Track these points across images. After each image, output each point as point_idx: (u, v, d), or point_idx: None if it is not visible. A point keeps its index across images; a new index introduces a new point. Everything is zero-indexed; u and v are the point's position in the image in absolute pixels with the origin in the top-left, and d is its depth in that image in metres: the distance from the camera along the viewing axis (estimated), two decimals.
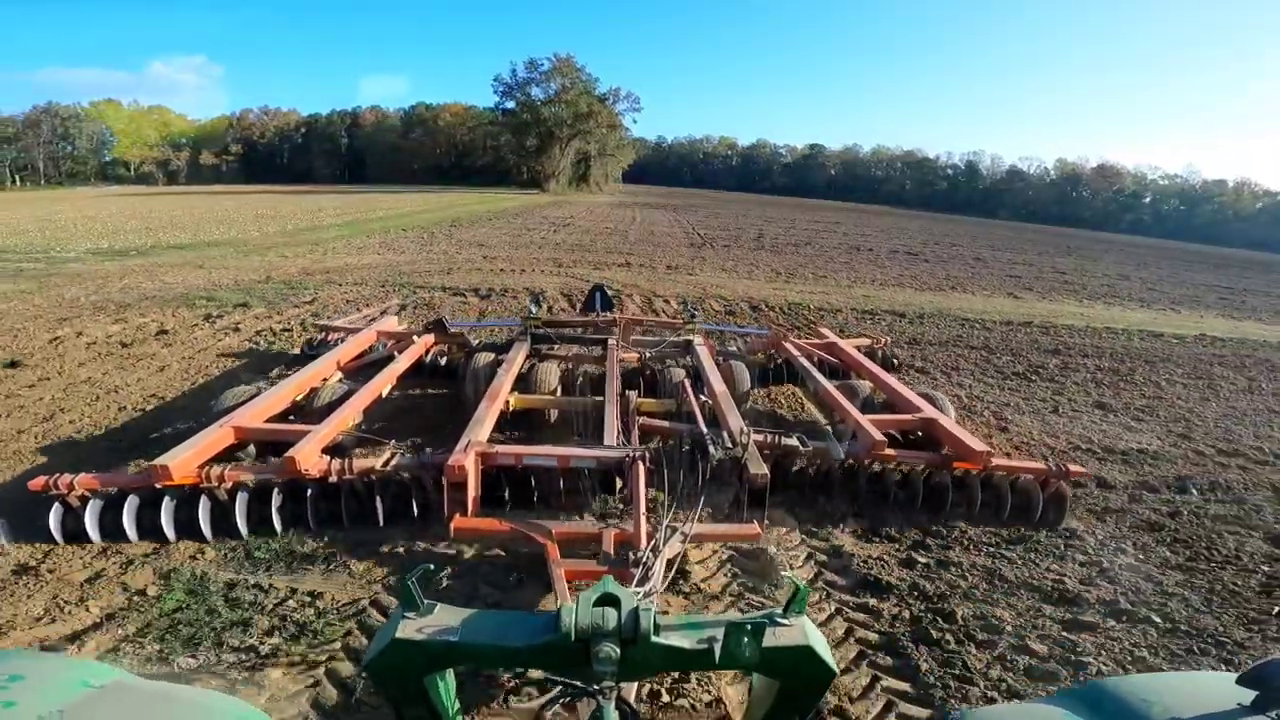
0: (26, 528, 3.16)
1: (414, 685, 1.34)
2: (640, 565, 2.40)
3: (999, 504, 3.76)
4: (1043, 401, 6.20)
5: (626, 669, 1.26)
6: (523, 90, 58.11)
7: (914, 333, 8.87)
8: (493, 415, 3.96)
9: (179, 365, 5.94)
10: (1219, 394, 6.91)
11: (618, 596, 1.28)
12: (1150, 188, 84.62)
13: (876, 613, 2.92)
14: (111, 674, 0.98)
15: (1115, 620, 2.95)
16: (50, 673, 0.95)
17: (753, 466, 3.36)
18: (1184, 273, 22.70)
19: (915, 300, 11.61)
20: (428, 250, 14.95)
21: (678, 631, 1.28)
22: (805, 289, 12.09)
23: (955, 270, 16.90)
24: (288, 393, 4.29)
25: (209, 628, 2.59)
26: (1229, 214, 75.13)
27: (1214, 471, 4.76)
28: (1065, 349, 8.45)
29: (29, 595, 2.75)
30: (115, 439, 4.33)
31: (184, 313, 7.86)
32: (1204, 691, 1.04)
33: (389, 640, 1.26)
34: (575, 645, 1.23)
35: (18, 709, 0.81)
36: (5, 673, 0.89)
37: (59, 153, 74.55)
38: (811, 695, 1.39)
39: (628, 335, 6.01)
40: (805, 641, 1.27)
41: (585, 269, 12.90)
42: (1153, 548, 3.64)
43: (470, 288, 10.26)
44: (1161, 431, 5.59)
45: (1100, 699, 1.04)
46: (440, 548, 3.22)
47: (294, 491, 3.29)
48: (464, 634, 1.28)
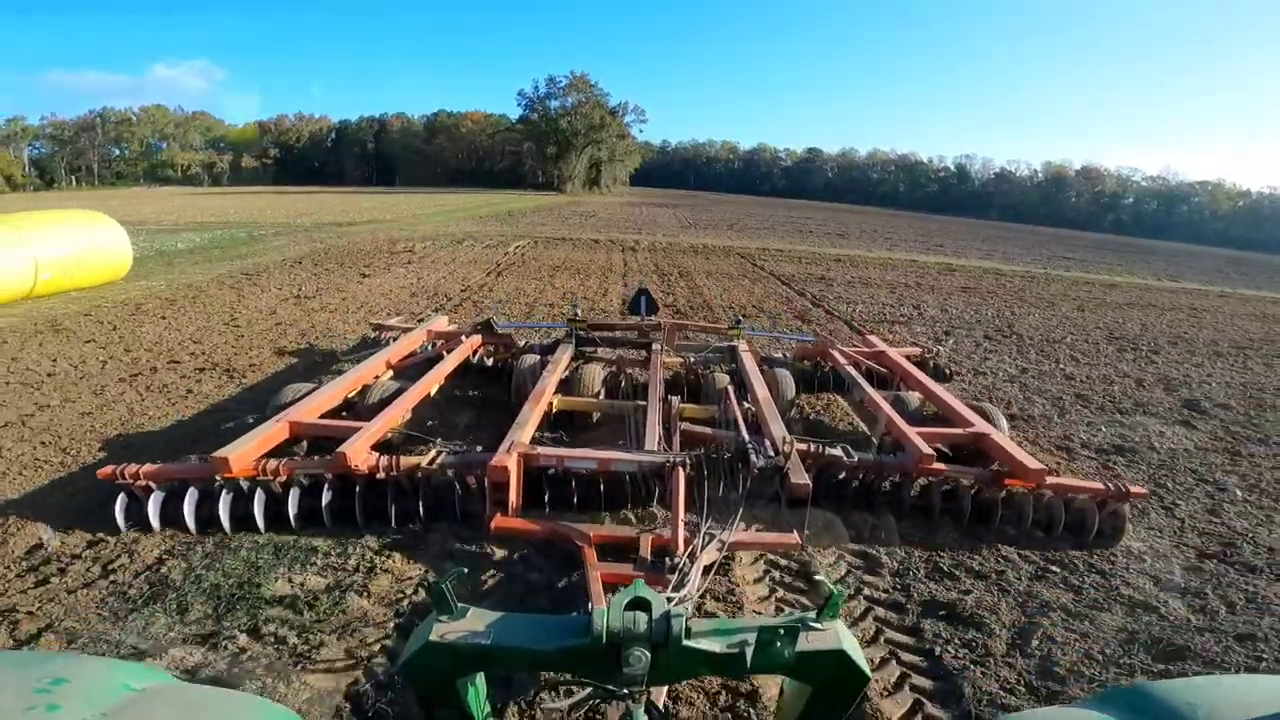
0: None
1: (446, 687, 1.42)
2: (677, 571, 2.55)
3: (1051, 523, 3.81)
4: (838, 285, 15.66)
5: (657, 673, 1.32)
6: (542, 103, 68.89)
7: (796, 254, 18.35)
8: (536, 416, 4.21)
9: (485, 254, 15.37)
10: (926, 287, 16.34)
11: (649, 600, 1.34)
12: (1131, 189, 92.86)
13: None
14: (153, 677, 1.07)
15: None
16: (92, 676, 1.01)
17: (794, 476, 3.48)
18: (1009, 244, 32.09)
19: (807, 250, 21.10)
20: (515, 226, 24.55)
21: (709, 636, 1.33)
22: (740, 244, 21.56)
23: (859, 239, 26.34)
24: (341, 390, 4.63)
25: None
26: (1206, 214, 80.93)
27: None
28: (860, 264, 17.91)
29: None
30: (490, 273, 13.77)
31: (454, 244, 17.35)
32: (1253, 696, 1.06)
33: (423, 643, 1.34)
34: (606, 649, 1.29)
35: (62, 712, 0.87)
36: (49, 676, 0.95)
37: (109, 155, 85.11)
38: (844, 700, 1.39)
39: (672, 340, 6.24)
40: (839, 646, 1.31)
41: (617, 233, 22.64)
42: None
43: (560, 237, 19.92)
44: (895, 300, 15.00)
45: (1144, 702, 1.06)
46: (480, 547, 3.42)
47: (344, 487, 3.51)
48: (496, 637, 1.34)
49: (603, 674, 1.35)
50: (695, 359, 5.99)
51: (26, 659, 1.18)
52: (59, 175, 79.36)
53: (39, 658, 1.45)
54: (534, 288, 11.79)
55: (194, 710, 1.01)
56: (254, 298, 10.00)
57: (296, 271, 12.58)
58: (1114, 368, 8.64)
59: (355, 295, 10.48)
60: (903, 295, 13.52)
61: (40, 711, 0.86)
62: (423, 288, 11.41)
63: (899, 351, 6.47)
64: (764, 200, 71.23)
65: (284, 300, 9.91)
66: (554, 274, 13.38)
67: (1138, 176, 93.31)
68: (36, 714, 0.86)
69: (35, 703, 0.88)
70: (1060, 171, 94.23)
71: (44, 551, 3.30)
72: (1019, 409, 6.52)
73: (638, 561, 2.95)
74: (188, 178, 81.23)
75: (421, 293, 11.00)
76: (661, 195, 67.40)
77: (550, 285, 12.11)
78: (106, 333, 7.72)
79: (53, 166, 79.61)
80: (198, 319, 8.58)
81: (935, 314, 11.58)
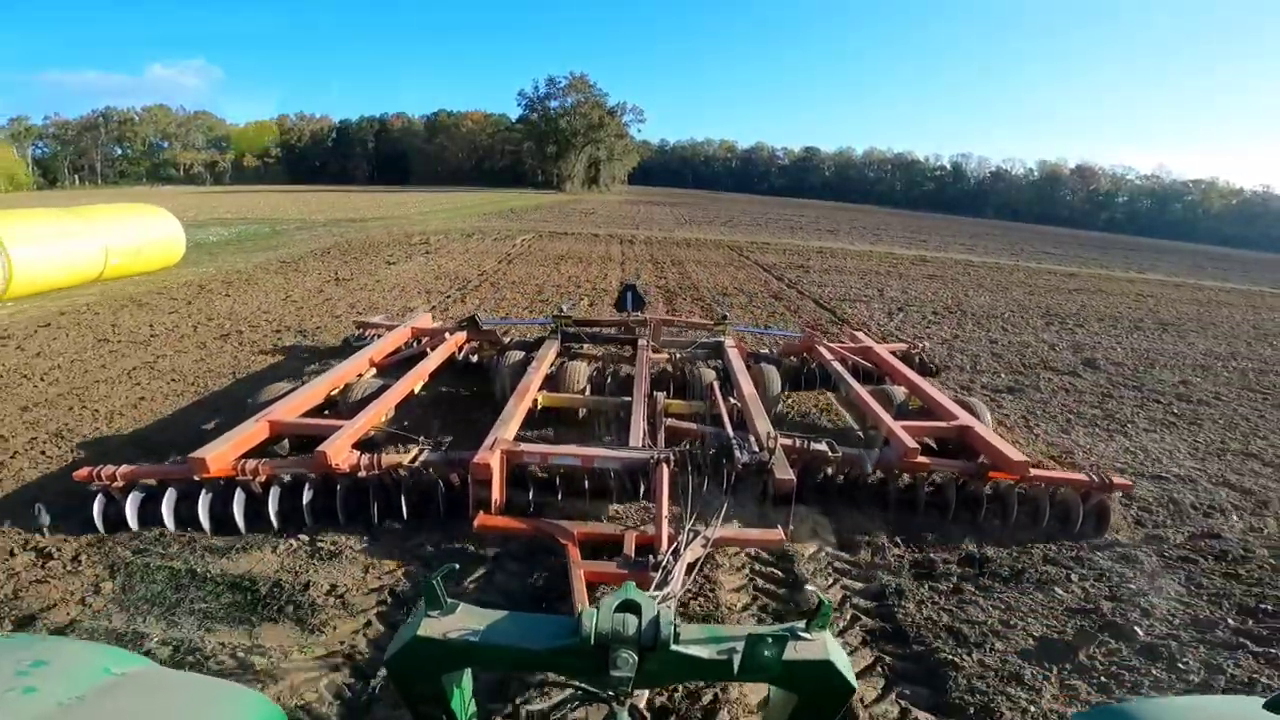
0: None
1: (432, 684, 1.43)
2: (661, 568, 2.55)
3: (1036, 516, 3.86)
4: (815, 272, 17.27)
5: (644, 677, 1.32)
6: (542, 103, 70.59)
7: (782, 247, 19.93)
8: (520, 413, 4.20)
9: (495, 246, 16.99)
10: (881, 273, 17.96)
11: (639, 603, 1.35)
12: (1125, 188, 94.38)
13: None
14: (134, 661, 1.07)
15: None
16: (73, 659, 1.02)
17: (779, 471, 3.51)
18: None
19: (793, 244, 22.71)
20: (519, 222, 26.14)
21: (698, 641, 1.33)
22: (731, 238, 23.15)
23: (847, 234, 27.95)
24: (322, 388, 4.63)
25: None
26: (1199, 212, 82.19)
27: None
28: (840, 257, 19.52)
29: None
30: (493, 266, 15.38)
31: (465, 238, 18.94)
32: (1229, 716, 1.09)
33: (410, 637, 1.33)
34: (594, 650, 1.30)
35: (39, 695, 0.88)
36: (29, 659, 0.95)
37: (111, 155, 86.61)
38: (830, 711, 1.41)
39: (658, 335, 6.30)
40: (826, 656, 1.31)
41: (616, 228, 24.25)
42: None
43: (563, 231, 21.51)
44: (862, 284, 16.63)
45: None
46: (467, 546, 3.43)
47: (325, 486, 3.53)
48: (485, 635, 1.34)
49: (589, 675, 1.39)
50: (681, 355, 6.11)
51: (7, 642, 1.22)
52: (62, 175, 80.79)
53: (20, 640, 1.48)
54: (542, 273, 13.38)
55: (172, 695, 1.03)
56: (299, 280, 11.58)
57: (328, 260, 14.16)
58: (1037, 336, 10.24)
59: (386, 279, 12.07)
60: (871, 281, 15.12)
61: (17, 694, 0.87)
62: (443, 273, 13.00)
63: (885, 347, 6.72)
64: (761, 199, 72.92)
65: (326, 282, 11.49)
66: (559, 262, 14.97)
67: (1132, 175, 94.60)
68: (13, 696, 0.87)
69: (13, 685, 0.89)
70: (1055, 170, 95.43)
71: (36, 528, 3.42)
72: (941, 362, 8.09)
73: (621, 559, 3.00)
74: (190, 177, 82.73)
75: (444, 276, 12.59)
76: (660, 194, 69.02)
77: (556, 271, 13.70)
78: (183, 306, 9.31)
79: (56, 166, 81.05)
80: (258, 296, 10.16)
81: (895, 295, 13.17)
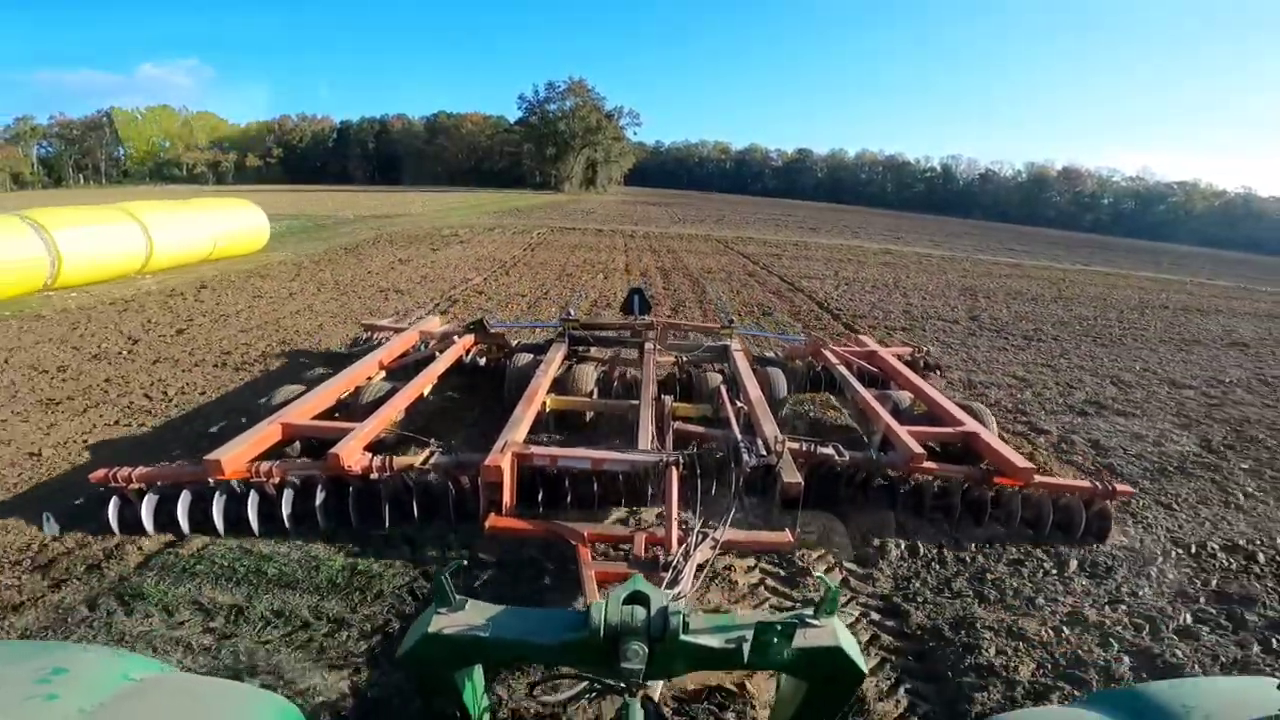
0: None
1: (444, 678, 1.47)
2: (671, 569, 2.63)
3: (1039, 521, 3.98)
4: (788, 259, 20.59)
5: (654, 667, 1.36)
6: (542, 107, 74.22)
7: (764, 241, 23.23)
8: (530, 416, 4.33)
9: (516, 239, 20.23)
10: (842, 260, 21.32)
11: (647, 595, 1.39)
12: (1110, 189, 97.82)
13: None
14: (152, 667, 1.10)
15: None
16: (92, 666, 1.04)
17: (787, 475, 3.59)
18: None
19: (776, 238, 26.03)
20: (528, 219, 29.35)
21: (707, 631, 1.37)
22: (720, 234, 26.44)
23: (829, 231, 31.29)
24: (334, 391, 4.75)
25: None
26: (1181, 213, 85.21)
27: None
28: (818, 248, 22.85)
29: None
30: (517, 256, 18.64)
31: (488, 231, 22.14)
32: (1247, 697, 1.11)
33: (421, 634, 1.38)
34: (604, 643, 1.34)
35: (60, 701, 0.90)
36: (49, 665, 0.98)
37: (115, 154, 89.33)
38: (840, 696, 1.45)
39: (664, 339, 6.49)
40: (836, 643, 1.36)
41: (616, 225, 27.60)
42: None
43: (570, 227, 24.75)
44: (825, 269, 19.96)
45: (1137, 703, 1.11)
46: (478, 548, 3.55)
47: (337, 488, 3.62)
48: (494, 630, 1.39)
49: (600, 668, 1.41)
50: (688, 358, 6.26)
51: (28, 649, 1.22)
52: (66, 174, 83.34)
53: (41, 647, 1.47)
54: (562, 257, 16.68)
55: (191, 700, 1.06)
56: (368, 261, 14.78)
57: (381, 247, 17.32)
58: (945, 303, 13.57)
59: (438, 261, 15.27)
60: (832, 266, 18.48)
61: (39, 701, 0.89)
62: (482, 257, 16.22)
63: (890, 351, 6.98)
64: (754, 200, 76.65)
65: (391, 263, 14.70)
66: (573, 250, 18.25)
67: (1117, 177, 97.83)
68: (35, 703, 0.89)
69: (35, 692, 0.91)
70: (1043, 172, 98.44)
71: (44, 536, 3.48)
72: (862, 317, 11.38)
73: (631, 560, 3.09)
74: (193, 176, 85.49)
75: (484, 259, 15.82)
76: (655, 194, 72.71)
77: (572, 257, 16.96)
78: (296, 277, 12.49)
79: (60, 165, 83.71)
80: (347, 270, 13.36)
81: (849, 276, 16.51)
